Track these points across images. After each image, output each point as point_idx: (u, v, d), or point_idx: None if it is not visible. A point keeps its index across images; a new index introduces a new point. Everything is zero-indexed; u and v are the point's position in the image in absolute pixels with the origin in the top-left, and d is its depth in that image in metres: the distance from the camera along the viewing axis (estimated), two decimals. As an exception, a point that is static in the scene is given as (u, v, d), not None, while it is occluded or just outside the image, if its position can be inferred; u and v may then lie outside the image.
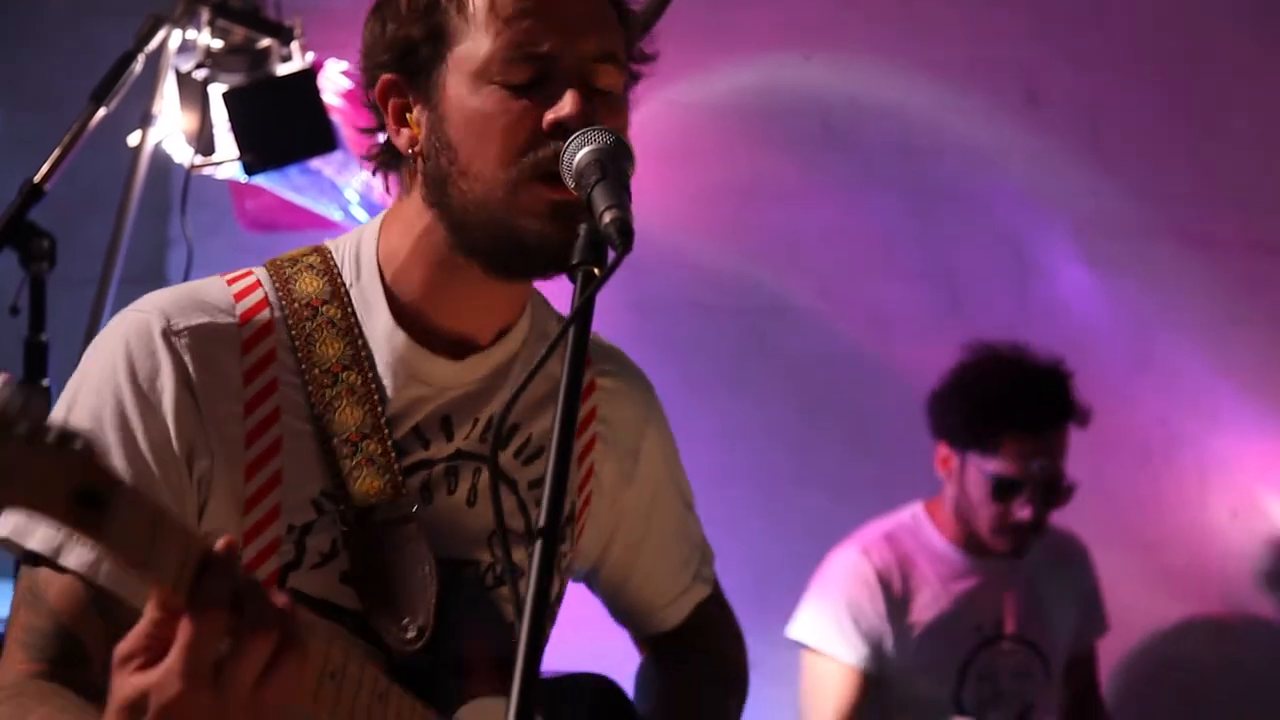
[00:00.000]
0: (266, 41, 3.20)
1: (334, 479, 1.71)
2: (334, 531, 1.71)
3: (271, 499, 1.70)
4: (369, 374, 1.74)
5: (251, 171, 3.23)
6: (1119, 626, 3.91)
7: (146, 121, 3.24)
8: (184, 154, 3.26)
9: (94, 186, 3.45)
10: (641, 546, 2.06)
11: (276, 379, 1.72)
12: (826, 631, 3.63)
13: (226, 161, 3.24)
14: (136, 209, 3.22)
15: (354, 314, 1.77)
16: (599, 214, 1.50)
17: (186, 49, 3.20)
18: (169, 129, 3.27)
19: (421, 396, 1.77)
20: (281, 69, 3.20)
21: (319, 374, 1.73)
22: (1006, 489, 3.58)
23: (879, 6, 4.20)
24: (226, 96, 3.18)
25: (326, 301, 1.76)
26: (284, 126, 3.21)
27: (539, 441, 1.86)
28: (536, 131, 1.66)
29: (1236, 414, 4.05)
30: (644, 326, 3.91)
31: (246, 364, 1.71)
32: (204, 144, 3.23)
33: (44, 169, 2.88)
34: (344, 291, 1.78)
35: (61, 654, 1.63)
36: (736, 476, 4.06)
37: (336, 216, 3.41)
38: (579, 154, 1.59)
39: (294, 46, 3.21)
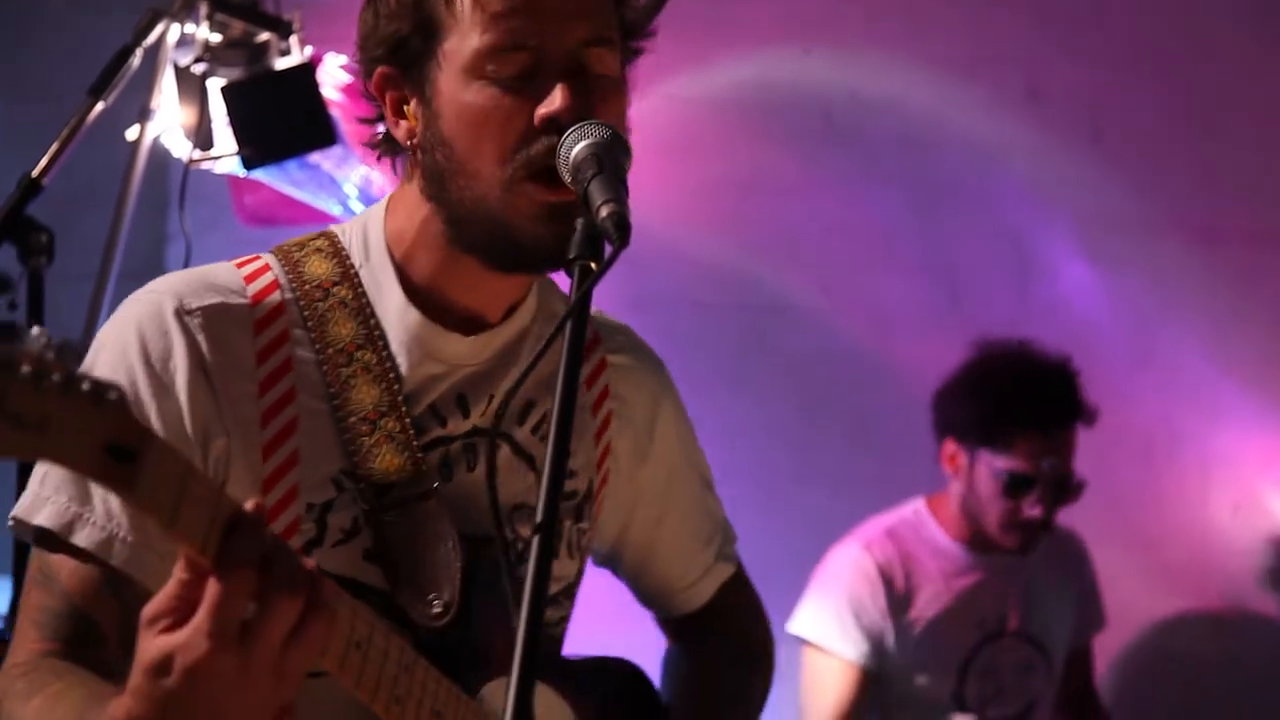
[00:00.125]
0: (265, 35, 3.20)
1: (353, 457, 1.72)
2: (355, 509, 1.72)
3: (290, 478, 1.70)
4: (383, 352, 1.75)
5: (250, 166, 3.23)
6: (1119, 623, 3.90)
7: (145, 116, 3.24)
8: (182, 148, 3.26)
9: (92, 181, 3.45)
10: (661, 525, 2.06)
11: (290, 359, 1.73)
12: (827, 627, 3.63)
13: (225, 156, 3.23)
14: (135, 204, 3.22)
15: (365, 294, 1.77)
16: (596, 208, 1.50)
17: (185, 43, 3.20)
18: (167, 123, 3.26)
19: (436, 374, 1.78)
20: (280, 63, 3.20)
21: (333, 353, 1.74)
22: (1018, 486, 3.58)
23: (879, 1, 4.19)
24: (225, 91, 3.18)
25: (337, 283, 1.77)
26: (283, 121, 3.21)
27: None
28: (529, 127, 1.65)
29: (1239, 410, 4.04)
30: (642, 323, 3.86)
31: (260, 344, 1.72)
32: (202, 138, 3.23)
33: (42, 163, 2.88)
34: (354, 273, 1.78)
35: (75, 634, 1.63)
36: (736, 474, 4.03)
37: (335, 211, 3.41)
38: (575, 148, 1.58)
39: (292, 40, 3.21)
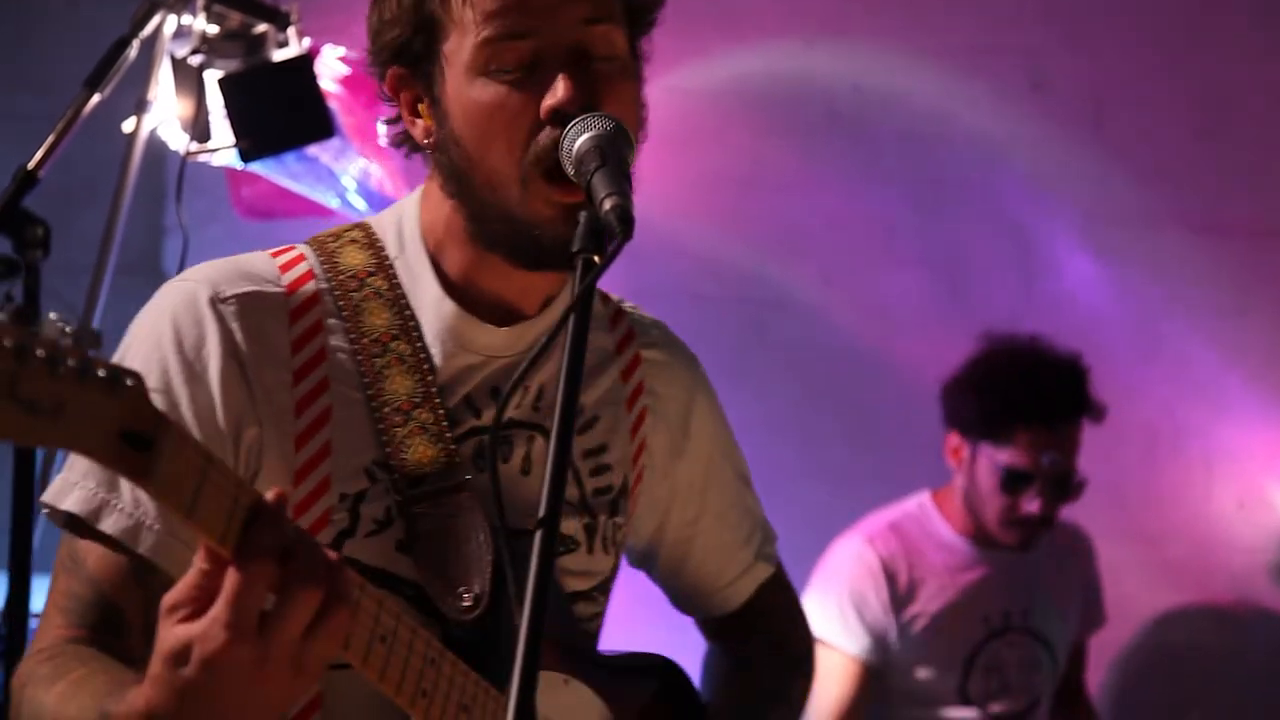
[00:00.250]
0: (263, 27, 3.18)
1: (386, 448, 1.71)
2: (387, 500, 1.71)
3: (323, 468, 1.70)
4: (418, 343, 1.75)
5: (248, 158, 3.21)
6: (1123, 618, 3.89)
7: (141, 108, 3.22)
8: (179, 141, 3.24)
9: (88, 174, 3.43)
10: (698, 523, 2.04)
11: (325, 348, 1.73)
12: (829, 622, 3.61)
13: (222, 148, 3.21)
14: (131, 196, 3.20)
15: (400, 285, 1.78)
16: (599, 201, 1.50)
17: (182, 34, 3.18)
18: (164, 115, 3.24)
19: (471, 365, 1.77)
20: (278, 54, 3.18)
21: (368, 343, 1.74)
22: (1016, 481, 3.57)
23: (881, -8, 4.19)
24: (222, 82, 3.16)
25: (372, 273, 1.77)
26: (280, 113, 3.19)
27: (592, 411, 1.88)
28: (536, 120, 1.65)
29: (1244, 404, 4.04)
30: (644, 316, 3.89)
31: (294, 333, 1.72)
32: (200, 130, 3.21)
33: (38, 155, 2.86)
34: (388, 264, 1.78)
35: (101, 622, 1.63)
36: (737, 467, 4.04)
37: (333, 204, 3.39)
38: (578, 141, 1.58)
39: (290, 32, 3.19)
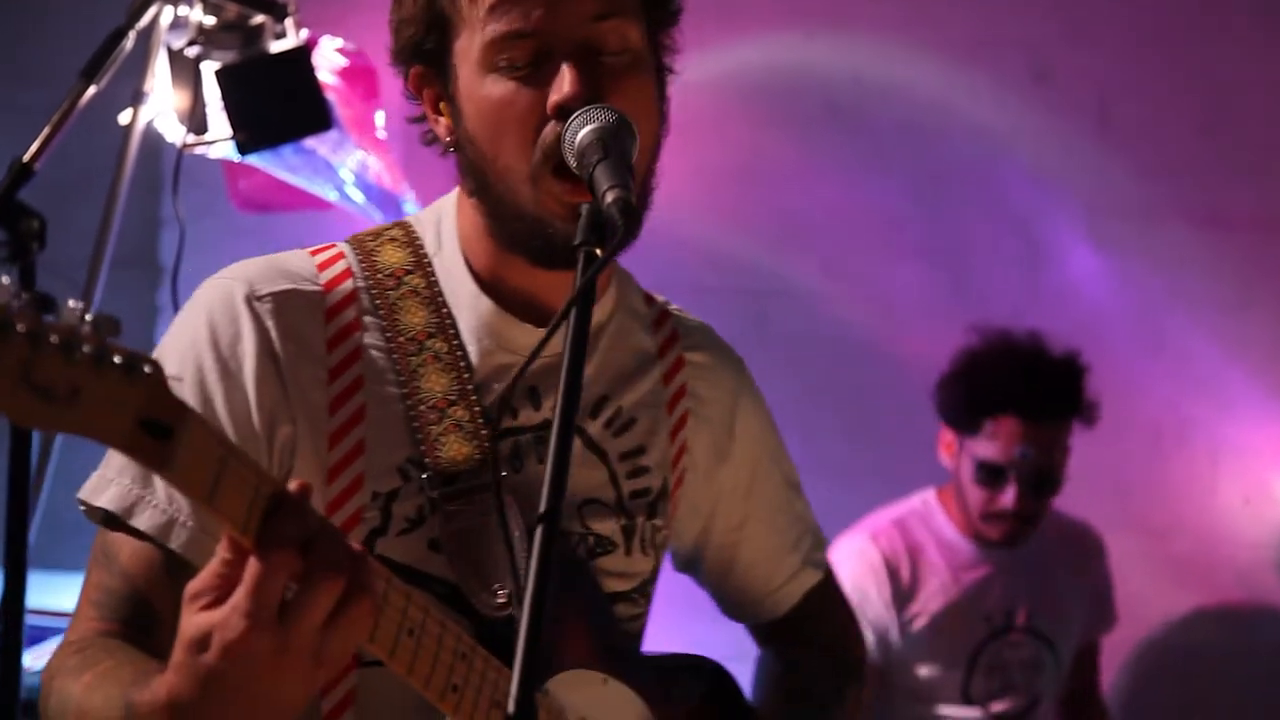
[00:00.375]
0: (260, 18, 3.16)
1: (420, 445, 1.71)
2: (421, 498, 1.71)
3: (356, 466, 1.70)
4: (454, 341, 1.75)
5: (245, 151, 3.19)
6: (1127, 614, 3.88)
7: (138, 100, 3.21)
8: (176, 133, 3.23)
9: (84, 166, 3.42)
10: (743, 528, 2.02)
11: (361, 346, 1.73)
12: (830, 618, 3.60)
13: (219, 140, 3.19)
14: (127, 189, 3.19)
15: (437, 283, 1.78)
16: (601, 194, 1.50)
17: (178, 25, 3.16)
18: (161, 107, 3.23)
19: (507, 364, 1.77)
20: (275, 46, 3.17)
21: (404, 341, 1.74)
22: (991, 474, 3.57)
23: (883, -16, 4.18)
24: (219, 74, 3.14)
25: (410, 271, 1.78)
26: (278, 105, 3.17)
27: (630, 413, 1.86)
28: (544, 117, 1.64)
29: (1249, 398, 4.04)
30: (644, 309, 3.88)
31: (330, 331, 1.72)
32: (196, 123, 3.19)
33: (33, 147, 2.85)
34: (426, 262, 1.79)
35: (133, 616, 1.64)
36: (737, 462, 4.03)
37: (331, 196, 3.38)
38: (580, 134, 1.58)
39: (288, 23, 3.18)
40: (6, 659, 2.66)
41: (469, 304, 1.77)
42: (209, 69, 3.15)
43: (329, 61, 3.36)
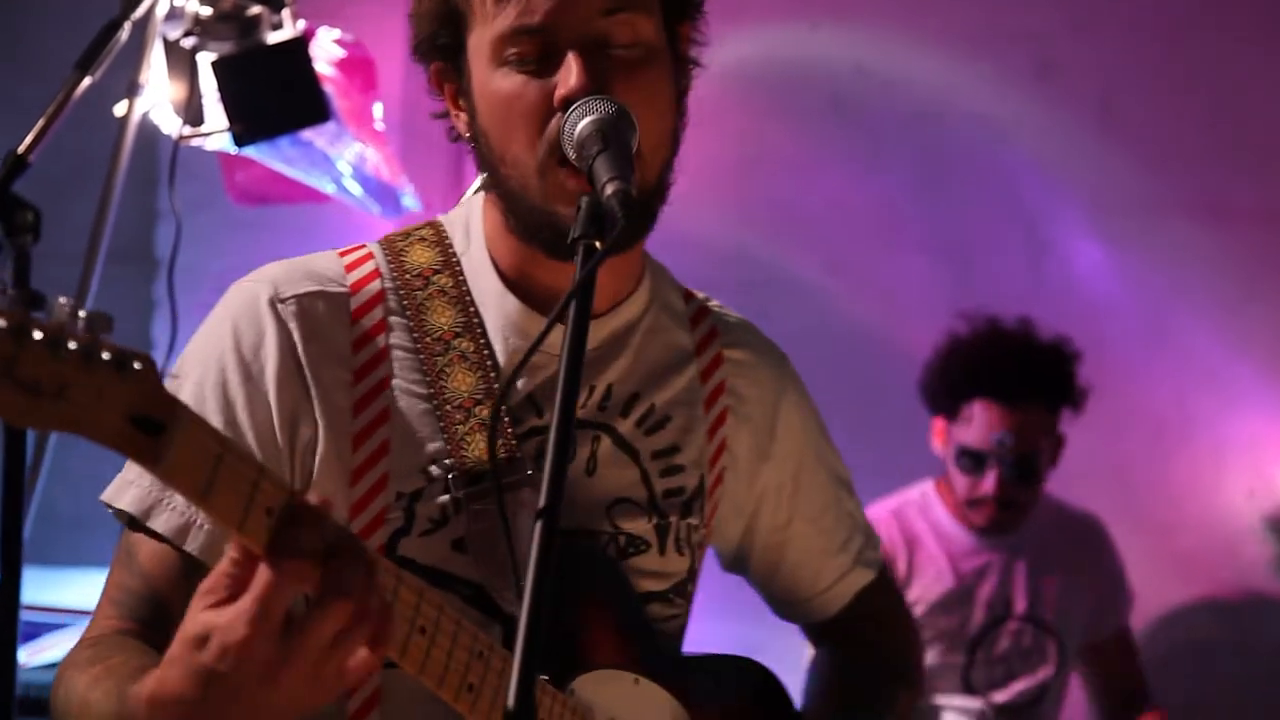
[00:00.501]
0: (257, 9, 3.15)
1: (446, 445, 1.71)
2: (445, 498, 1.71)
3: (380, 467, 1.71)
4: (481, 340, 1.76)
5: (242, 143, 3.19)
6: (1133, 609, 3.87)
7: (133, 91, 3.20)
8: (172, 125, 3.22)
9: (79, 159, 3.41)
10: (789, 527, 2.00)
11: (387, 347, 1.74)
12: (831, 611, 3.59)
13: (216, 132, 3.19)
14: (123, 181, 3.19)
15: (465, 282, 1.79)
16: (601, 186, 1.50)
17: (174, 16, 3.16)
18: (157, 99, 3.22)
19: (534, 363, 1.76)
20: (272, 37, 3.16)
21: (430, 341, 1.75)
22: (971, 460, 3.58)
23: (886, -26, 4.17)
24: (216, 65, 3.14)
25: (438, 271, 1.79)
26: (275, 96, 3.16)
27: (663, 411, 1.85)
28: (551, 110, 1.64)
29: (1253, 393, 4.04)
30: (644, 302, 3.88)
31: (356, 332, 1.73)
32: (193, 114, 3.19)
33: (28, 139, 2.82)
34: (455, 261, 1.80)
35: (149, 616, 1.66)
36: (738, 456, 4.03)
37: (329, 189, 3.36)
38: (579, 125, 1.58)
39: (285, 14, 3.17)
40: (2, 655, 2.64)
41: (495, 303, 1.77)
42: (205, 60, 3.14)
43: (326, 53, 3.35)
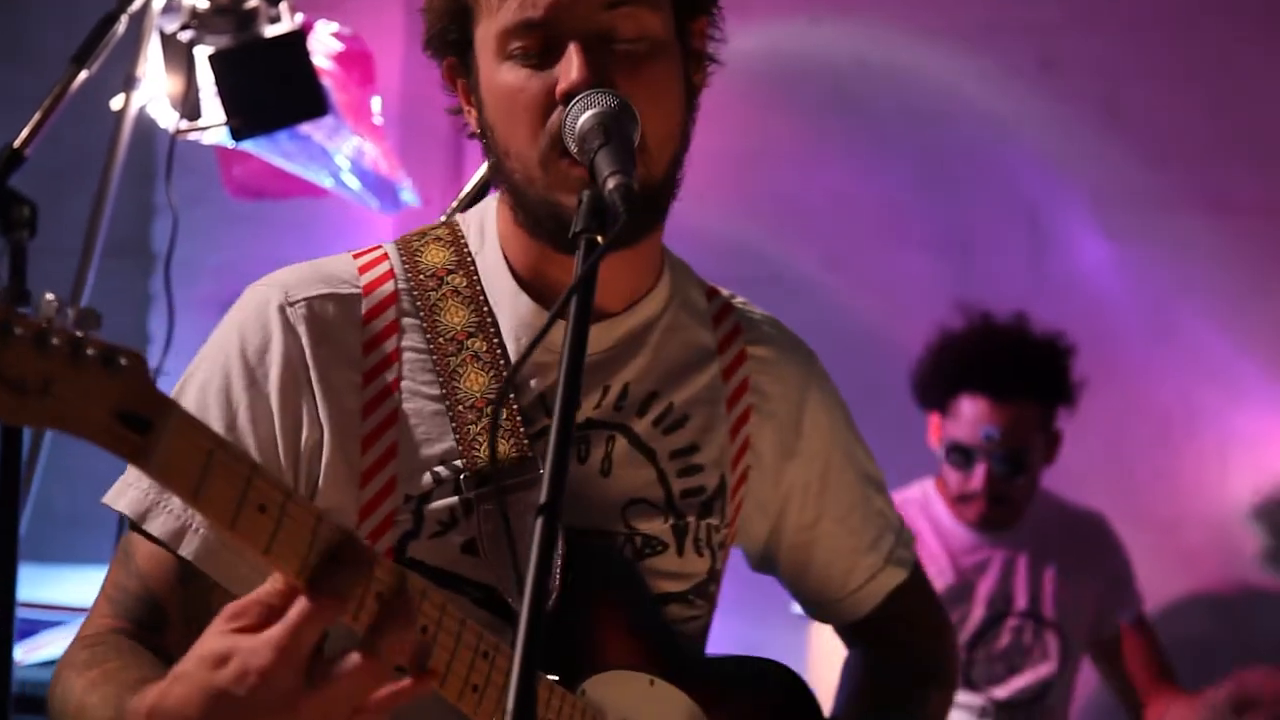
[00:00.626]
0: (254, 1, 3.15)
1: (458, 445, 1.71)
2: (455, 500, 1.71)
3: (389, 470, 1.71)
4: (494, 340, 1.75)
5: (239, 137, 3.18)
6: (1138, 606, 3.87)
7: (130, 85, 3.19)
8: (169, 118, 3.22)
9: (76, 153, 3.41)
10: (816, 526, 1.97)
11: (399, 349, 1.74)
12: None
13: (213, 126, 3.18)
14: (120, 175, 3.18)
15: (479, 281, 1.78)
16: (602, 180, 1.49)
17: (171, 9, 3.16)
18: (153, 92, 3.21)
19: (547, 363, 1.75)
20: (270, 30, 3.15)
21: (443, 342, 1.75)
22: (961, 455, 3.57)
23: (888, -33, 4.17)
24: (213, 59, 3.13)
25: (452, 270, 1.79)
26: (272, 90, 3.16)
27: (681, 410, 1.84)
28: (553, 103, 1.64)
29: (1259, 388, 4.03)
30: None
31: (367, 334, 1.73)
32: (189, 108, 3.18)
33: (24, 134, 2.83)
34: (470, 260, 1.80)
35: (145, 617, 1.66)
36: (739, 452, 4.02)
37: (327, 183, 3.35)
38: (580, 119, 1.58)
39: (282, 7, 3.17)
40: (-2, 652, 2.64)
41: (509, 302, 1.77)
42: (202, 54, 3.13)
43: (324, 46, 3.34)
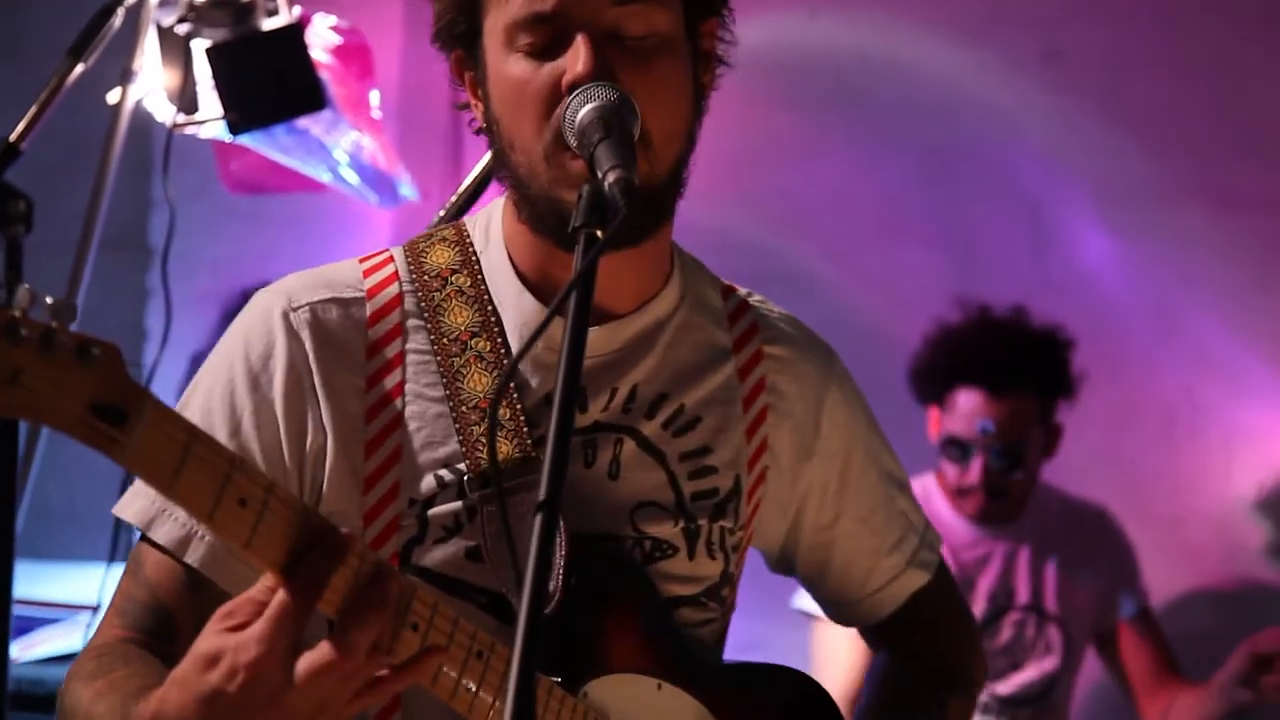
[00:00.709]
0: (251, -6, 3.12)
1: (461, 448, 1.71)
2: (458, 503, 1.71)
3: (392, 474, 1.71)
4: (498, 340, 1.74)
5: (236, 131, 3.17)
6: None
7: (127, 78, 3.19)
8: (166, 112, 3.21)
9: (72, 147, 3.41)
10: (835, 526, 1.94)
11: (402, 352, 1.74)
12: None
13: (210, 120, 3.17)
14: (116, 170, 3.18)
15: (484, 281, 1.78)
16: (603, 174, 1.49)
17: (168, 2, 3.15)
18: (150, 86, 3.20)
19: (551, 363, 1.73)
20: (267, 24, 3.15)
21: (447, 343, 1.74)
22: (957, 449, 3.57)
23: (889, -40, 4.16)
24: (210, 52, 3.11)
25: (456, 270, 1.78)
26: (270, 84, 3.15)
27: (693, 412, 1.82)
28: (559, 96, 1.64)
29: (1263, 383, 4.03)
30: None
31: (371, 338, 1.73)
32: (187, 102, 3.17)
33: (20, 127, 2.83)
34: (475, 259, 1.79)
35: (154, 626, 1.67)
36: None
37: (325, 178, 3.34)
38: (580, 112, 1.57)
39: (280, 0, 3.13)
40: (-7, 649, 2.63)
41: (513, 301, 1.76)
42: (199, 47, 3.12)
43: (322, 39, 3.33)
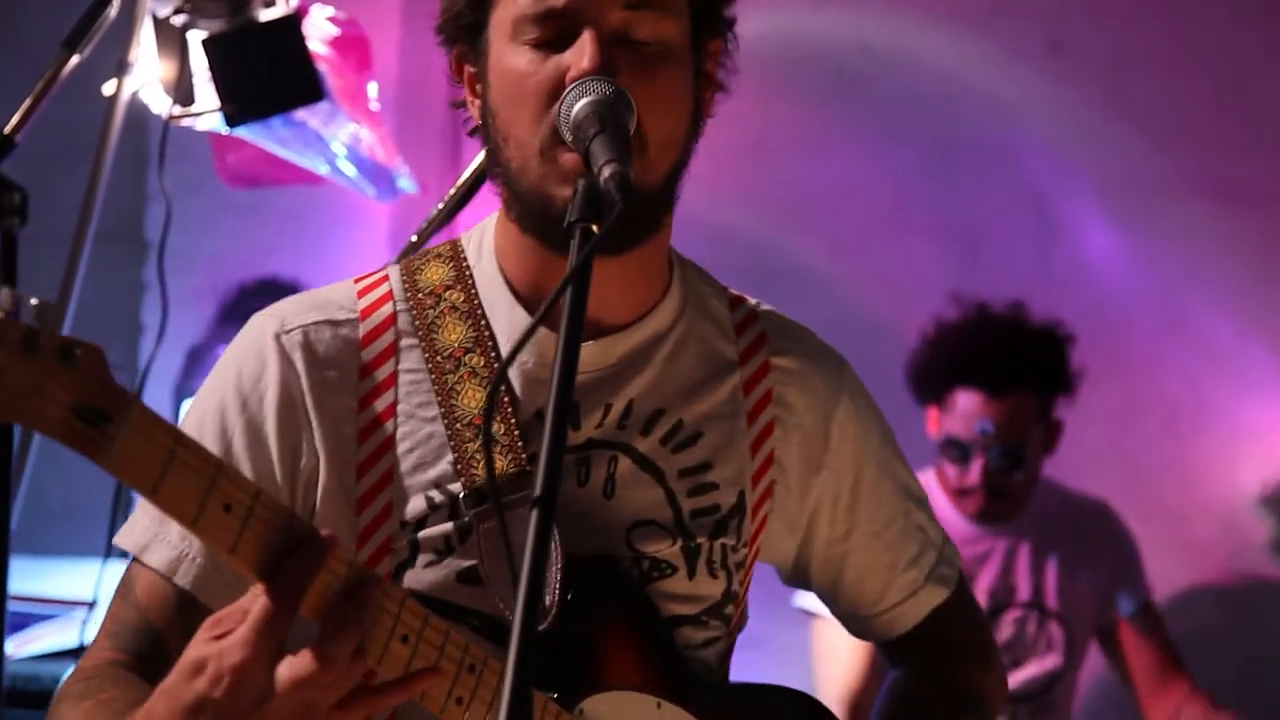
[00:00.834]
0: (249, -15, 3.10)
1: (455, 466, 1.70)
2: (450, 524, 1.69)
3: (384, 496, 1.70)
4: (491, 354, 1.73)
5: (233, 123, 3.15)
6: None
7: (122, 70, 3.16)
8: (162, 104, 3.19)
9: (67, 139, 3.39)
10: (848, 540, 1.89)
11: (396, 372, 1.73)
12: (833, 599, 3.57)
13: (207, 112, 3.15)
14: (112, 162, 3.15)
15: (477, 295, 1.76)
16: (598, 168, 1.48)
17: (165, -7, 3.10)
18: (146, 78, 3.18)
19: (546, 380, 1.70)
20: (264, 15, 3.12)
21: (441, 360, 1.73)
22: (958, 450, 3.57)
23: (892, -50, 4.16)
24: (207, 44, 3.10)
25: (450, 286, 1.76)
26: (267, 75, 3.13)
27: (693, 427, 1.78)
28: (560, 89, 1.62)
29: (1268, 378, 4.03)
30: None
31: (364, 359, 1.73)
32: (183, 94, 3.15)
33: (14, 119, 2.81)
34: (468, 274, 1.77)
35: (145, 648, 1.67)
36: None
37: (322, 170, 3.33)
38: (575, 106, 1.57)
39: (277, -10, 3.12)
40: (-11, 648, 2.61)
41: (505, 315, 1.74)
42: (196, 38, 3.10)
43: (320, 31, 3.32)
